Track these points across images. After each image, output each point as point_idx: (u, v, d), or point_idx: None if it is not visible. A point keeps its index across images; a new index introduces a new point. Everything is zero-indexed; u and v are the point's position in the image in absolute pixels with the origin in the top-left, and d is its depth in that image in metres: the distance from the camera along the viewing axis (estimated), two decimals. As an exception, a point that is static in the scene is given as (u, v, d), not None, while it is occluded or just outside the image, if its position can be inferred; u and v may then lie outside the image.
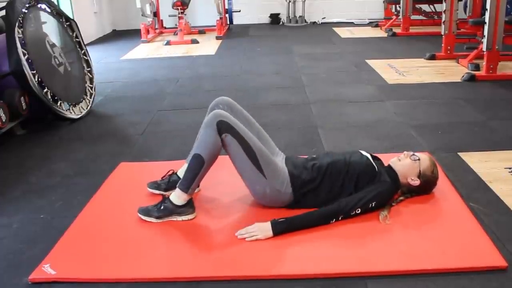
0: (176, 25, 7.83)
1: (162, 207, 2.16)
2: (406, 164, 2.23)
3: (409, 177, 2.22)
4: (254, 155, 2.08)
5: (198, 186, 2.26)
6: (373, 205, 2.11)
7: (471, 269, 1.78)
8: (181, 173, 2.36)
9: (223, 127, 2.06)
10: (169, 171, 2.44)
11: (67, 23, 4.05)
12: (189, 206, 2.17)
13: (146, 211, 2.19)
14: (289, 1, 8.71)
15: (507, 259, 1.81)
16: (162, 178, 2.44)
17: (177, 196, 2.14)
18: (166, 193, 2.29)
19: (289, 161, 2.25)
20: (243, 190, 2.41)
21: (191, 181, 2.11)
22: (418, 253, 1.87)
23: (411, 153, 2.27)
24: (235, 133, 2.07)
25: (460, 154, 2.80)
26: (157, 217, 2.16)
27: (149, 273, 1.82)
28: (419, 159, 2.23)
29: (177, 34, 7.39)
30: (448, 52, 5.40)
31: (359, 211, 2.09)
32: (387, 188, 2.16)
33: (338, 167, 2.16)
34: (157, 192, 2.39)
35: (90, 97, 4.03)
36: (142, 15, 7.40)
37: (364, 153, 2.26)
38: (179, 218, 2.17)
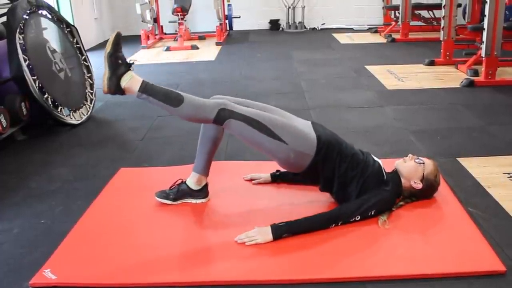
0: (176, 31, 7.86)
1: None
2: (410, 166, 2.24)
3: (412, 180, 2.22)
4: (267, 128, 2.07)
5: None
6: (373, 213, 2.12)
7: (470, 274, 1.79)
8: (189, 182, 2.35)
9: (225, 114, 2.06)
10: (177, 181, 2.39)
11: (68, 29, 4.06)
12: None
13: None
14: (289, 7, 8.74)
15: (506, 264, 1.82)
16: (170, 187, 2.38)
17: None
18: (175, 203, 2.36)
19: (318, 126, 2.24)
20: (242, 195, 2.43)
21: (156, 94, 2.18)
22: (417, 257, 1.88)
23: (416, 156, 2.29)
24: (239, 115, 2.07)
25: (459, 159, 2.81)
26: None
27: (149, 278, 1.82)
28: (423, 163, 2.24)
29: (177, 40, 7.42)
30: (447, 58, 5.43)
31: (358, 218, 2.10)
32: (387, 197, 2.17)
33: (357, 160, 2.16)
34: (165, 201, 2.35)
35: (91, 103, 4.04)
36: (142, 21, 7.42)
37: (375, 158, 2.27)
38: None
